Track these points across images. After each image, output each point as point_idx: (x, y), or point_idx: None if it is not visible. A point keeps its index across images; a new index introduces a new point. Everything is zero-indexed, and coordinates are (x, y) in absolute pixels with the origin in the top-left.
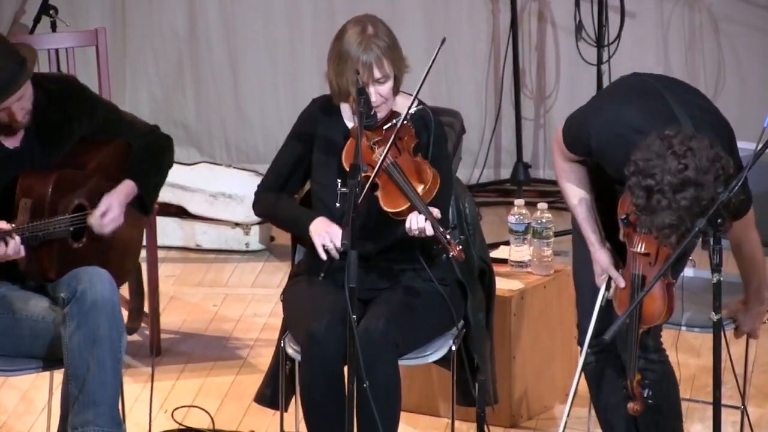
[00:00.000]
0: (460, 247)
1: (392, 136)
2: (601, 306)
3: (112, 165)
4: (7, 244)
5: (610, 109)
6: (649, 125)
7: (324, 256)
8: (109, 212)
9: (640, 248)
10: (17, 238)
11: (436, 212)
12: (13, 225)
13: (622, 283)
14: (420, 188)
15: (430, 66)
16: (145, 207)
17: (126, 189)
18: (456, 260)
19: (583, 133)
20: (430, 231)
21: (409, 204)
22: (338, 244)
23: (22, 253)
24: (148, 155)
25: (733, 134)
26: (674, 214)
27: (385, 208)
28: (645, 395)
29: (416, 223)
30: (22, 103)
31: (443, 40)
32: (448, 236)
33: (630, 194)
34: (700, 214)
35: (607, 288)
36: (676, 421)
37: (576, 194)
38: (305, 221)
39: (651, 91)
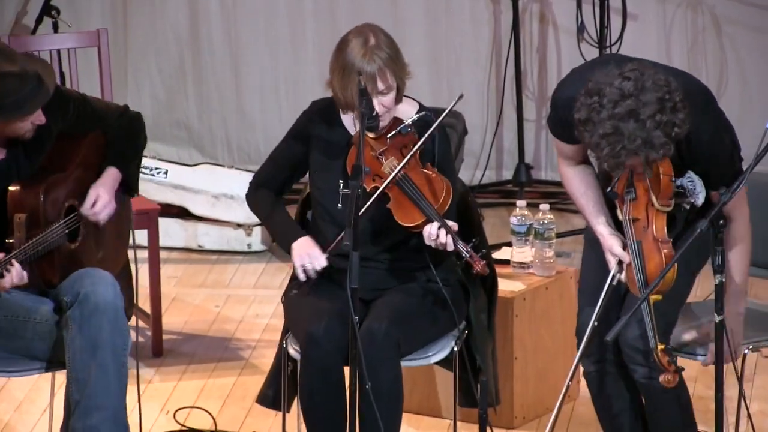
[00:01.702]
0: (484, 261)
1: (405, 152)
2: (611, 285)
3: (93, 158)
4: (10, 273)
5: (575, 77)
6: None
7: (302, 277)
8: (98, 200)
9: (630, 215)
10: (17, 265)
11: (454, 226)
12: (11, 242)
13: (627, 259)
14: (435, 202)
15: (446, 112)
16: (130, 189)
17: (111, 176)
18: (481, 275)
19: (553, 106)
20: (451, 246)
21: (425, 218)
22: (317, 266)
23: (25, 279)
24: (124, 140)
25: (711, 97)
26: (608, 123)
27: (401, 224)
28: (671, 360)
29: (435, 236)
30: (32, 119)
31: (461, 96)
32: (471, 251)
33: (576, 113)
34: (639, 131)
35: (620, 270)
36: (690, 428)
37: (581, 193)
38: (290, 238)
39: (620, 58)
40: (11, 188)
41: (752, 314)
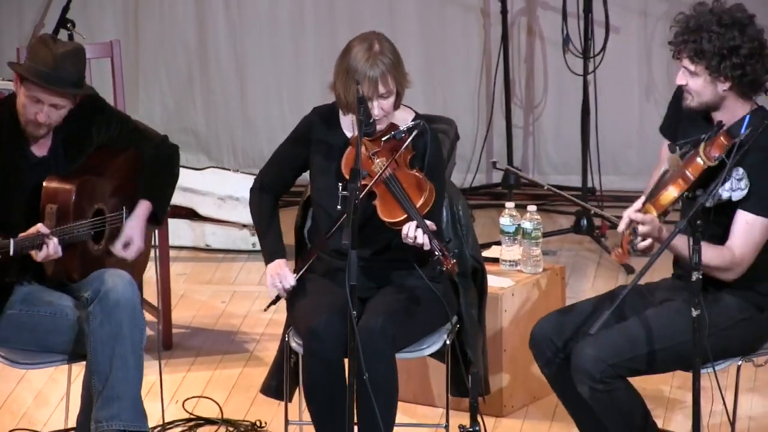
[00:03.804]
0: (455, 260)
1: (396, 151)
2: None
3: (127, 173)
4: (48, 246)
5: None
6: None
7: (272, 295)
8: (131, 244)
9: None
10: (55, 239)
11: (432, 225)
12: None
13: (631, 217)
14: (417, 201)
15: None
16: (158, 219)
17: (143, 212)
18: (450, 273)
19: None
20: (427, 245)
21: (406, 215)
22: (286, 285)
23: (60, 252)
24: (159, 169)
25: None
26: (698, 8)
27: (383, 218)
28: (631, 243)
29: (413, 234)
30: (55, 108)
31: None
32: (443, 249)
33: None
34: (708, 28)
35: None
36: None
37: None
38: (270, 254)
39: None
40: (47, 180)
41: None
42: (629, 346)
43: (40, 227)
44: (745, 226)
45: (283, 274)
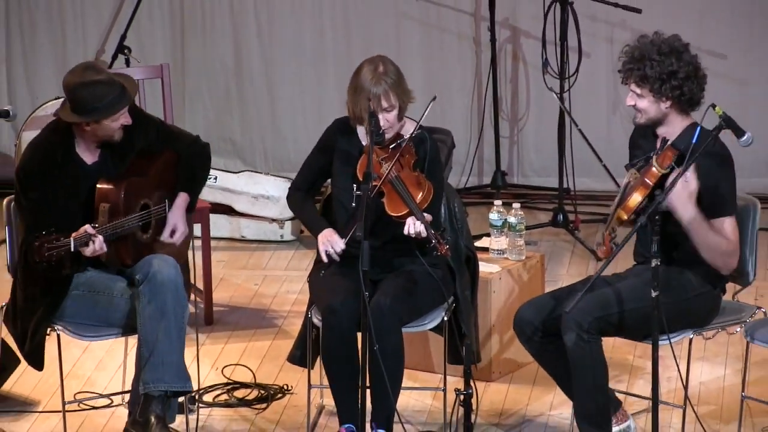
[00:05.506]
0: (447, 246)
1: (396, 155)
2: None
3: (166, 171)
4: (94, 243)
5: None
6: None
7: (325, 259)
8: (176, 231)
9: (635, 175)
10: (100, 237)
11: (429, 218)
12: (96, 226)
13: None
14: (418, 198)
15: (424, 113)
16: (192, 207)
17: (182, 202)
18: (444, 257)
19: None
20: (424, 233)
21: (408, 210)
22: (337, 249)
23: (105, 248)
24: (194, 165)
25: (728, 158)
26: (640, 40)
27: (389, 213)
28: (612, 238)
29: (413, 226)
30: (121, 121)
31: (434, 98)
32: (438, 238)
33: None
34: (649, 56)
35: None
36: (601, 389)
37: None
38: (317, 228)
39: None
40: (100, 183)
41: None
42: (609, 303)
43: (88, 228)
44: (720, 229)
45: (333, 239)
